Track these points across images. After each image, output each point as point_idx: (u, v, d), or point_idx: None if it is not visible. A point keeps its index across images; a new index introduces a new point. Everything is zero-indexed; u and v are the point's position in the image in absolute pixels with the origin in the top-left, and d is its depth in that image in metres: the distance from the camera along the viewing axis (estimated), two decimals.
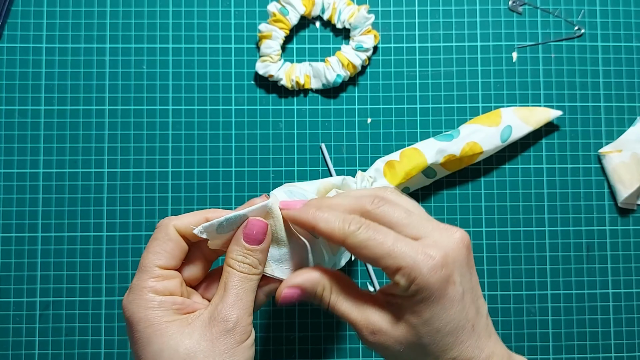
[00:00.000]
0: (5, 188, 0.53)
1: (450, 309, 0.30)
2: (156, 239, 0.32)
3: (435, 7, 0.55)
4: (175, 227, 0.32)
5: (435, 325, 0.30)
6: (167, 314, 0.30)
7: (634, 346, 0.53)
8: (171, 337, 0.29)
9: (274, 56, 0.53)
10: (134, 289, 0.30)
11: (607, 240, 0.54)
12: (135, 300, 0.30)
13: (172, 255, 0.31)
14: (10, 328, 0.52)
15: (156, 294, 0.30)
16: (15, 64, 0.54)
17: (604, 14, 0.55)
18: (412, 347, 0.31)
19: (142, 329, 0.29)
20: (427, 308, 0.30)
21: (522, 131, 0.52)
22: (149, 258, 0.31)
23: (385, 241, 0.30)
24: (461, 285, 0.30)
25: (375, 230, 0.30)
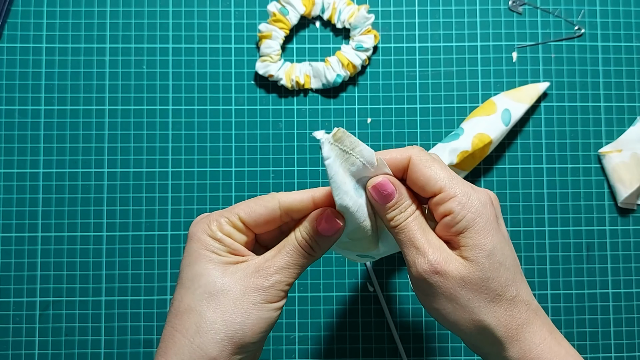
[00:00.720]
0: (5, 188, 0.53)
1: (506, 245, 0.31)
2: (258, 197, 0.33)
3: (435, 7, 0.55)
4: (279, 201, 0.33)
5: (498, 258, 0.30)
6: (221, 249, 0.32)
7: (634, 346, 0.53)
8: (215, 267, 0.31)
9: (274, 56, 0.53)
10: (210, 216, 0.32)
11: (607, 240, 0.54)
12: (202, 224, 0.32)
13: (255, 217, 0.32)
14: (10, 328, 0.52)
15: (220, 230, 0.32)
16: (15, 64, 0.54)
17: (604, 14, 0.55)
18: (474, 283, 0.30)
19: (195, 248, 0.31)
20: (487, 239, 0.30)
21: (521, 110, 0.52)
22: (239, 205, 0.33)
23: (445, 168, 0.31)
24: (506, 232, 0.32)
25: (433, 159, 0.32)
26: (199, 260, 0.31)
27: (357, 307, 0.53)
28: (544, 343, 0.31)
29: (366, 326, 0.53)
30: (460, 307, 0.31)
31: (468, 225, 0.30)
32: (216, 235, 0.32)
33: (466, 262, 0.30)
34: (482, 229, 0.30)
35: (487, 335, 0.31)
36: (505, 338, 0.31)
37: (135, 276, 0.53)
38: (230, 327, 0.30)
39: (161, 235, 0.53)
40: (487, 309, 0.30)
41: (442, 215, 0.31)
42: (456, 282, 0.30)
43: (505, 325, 0.31)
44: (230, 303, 0.30)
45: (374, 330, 0.53)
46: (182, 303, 0.31)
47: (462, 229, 0.30)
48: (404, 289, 0.53)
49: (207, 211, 0.53)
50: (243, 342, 0.30)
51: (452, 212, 0.30)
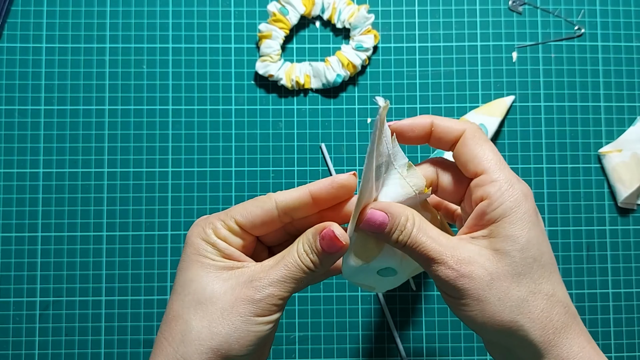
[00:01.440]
0: (5, 188, 0.53)
1: (543, 241, 0.29)
2: (255, 199, 0.32)
3: (435, 7, 0.55)
4: (276, 201, 0.31)
5: (532, 253, 0.28)
6: (216, 254, 0.30)
7: (634, 346, 0.53)
8: (207, 274, 0.30)
9: (274, 56, 0.53)
10: (205, 220, 0.31)
11: (607, 240, 0.54)
12: (199, 228, 0.31)
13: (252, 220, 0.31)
14: (10, 328, 0.52)
15: (216, 235, 0.30)
16: (15, 64, 0.54)
17: (604, 14, 0.55)
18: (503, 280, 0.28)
19: (189, 253, 0.30)
20: (523, 231, 0.28)
21: (494, 124, 0.53)
22: (236, 207, 0.31)
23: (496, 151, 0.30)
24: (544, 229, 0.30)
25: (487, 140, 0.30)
26: (191, 266, 0.30)
27: (357, 307, 0.53)
28: (583, 352, 0.28)
29: (366, 326, 0.53)
30: (491, 307, 0.28)
31: (504, 214, 0.28)
32: (210, 239, 0.30)
33: (495, 254, 0.28)
34: (518, 220, 0.28)
35: (520, 338, 0.28)
36: (541, 343, 0.28)
37: (135, 276, 0.53)
38: (215, 339, 0.28)
39: (161, 235, 0.53)
40: (520, 308, 0.28)
41: (479, 200, 0.29)
42: (484, 282, 0.28)
43: (542, 327, 0.28)
44: (218, 313, 0.29)
45: (374, 330, 0.53)
46: (172, 309, 0.30)
47: (497, 218, 0.28)
48: (404, 289, 0.53)
49: (207, 212, 0.53)
50: (229, 355, 0.29)
51: (490, 197, 0.28)
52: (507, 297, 0.28)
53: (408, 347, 0.53)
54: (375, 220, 0.30)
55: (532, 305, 0.28)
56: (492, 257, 0.28)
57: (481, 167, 0.29)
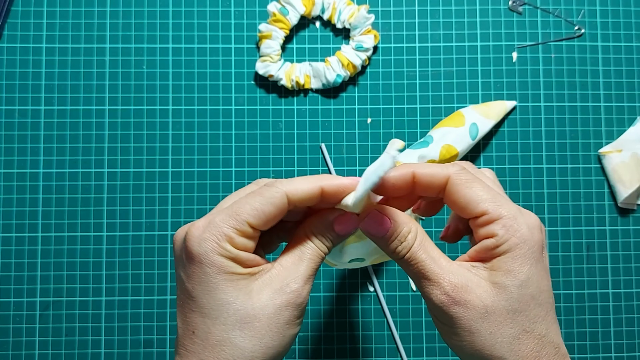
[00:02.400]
0: (5, 188, 0.53)
1: (544, 279, 0.28)
2: (260, 194, 0.29)
3: (435, 7, 0.55)
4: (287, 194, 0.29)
5: (531, 291, 0.27)
6: (238, 267, 0.28)
7: (634, 346, 0.53)
8: (239, 292, 0.28)
9: (274, 56, 0.53)
10: (213, 228, 0.28)
11: (607, 240, 0.54)
12: (210, 241, 0.28)
13: (266, 219, 0.29)
14: (11, 328, 0.52)
15: (234, 246, 0.28)
16: (15, 64, 0.54)
17: (604, 14, 0.55)
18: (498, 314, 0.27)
19: (211, 272, 0.28)
20: (524, 267, 0.27)
21: (487, 126, 0.52)
22: (244, 208, 0.28)
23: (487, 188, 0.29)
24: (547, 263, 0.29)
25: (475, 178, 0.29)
26: (220, 287, 0.28)
27: (357, 307, 0.53)
28: None
29: (366, 326, 0.53)
30: (481, 340, 0.27)
31: (509, 250, 0.27)
32: (231, 254, 0.28)
33: (493, 288, 0.27)
34: (522, 255, 0.27)
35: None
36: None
37: (135, 276, 0.53)
38: (268, 353, 0.28)
39: (161, 235, 0.53)
40: (510, 345, 0.27)
41: (483, 237, 0.28)
42: (478, 313, 0.27)
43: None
44: (265, 327, 0.28)
45: (374, 330, 0.53)
46: (212, 335, 0.28)
47: (502, 253, 0.28)
48: (404, 289, 0.53)
49: (206, 211, 0.53)
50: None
51: (496, 235, 0.28)
52: (499, 333, 0.27)
53: (408, 347, 0.53)
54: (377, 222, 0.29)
55: (522, 344, 0.27)
56: (490, 289, 0.28)
57: (480, 209, 0.28)
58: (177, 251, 0.30)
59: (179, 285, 0.30)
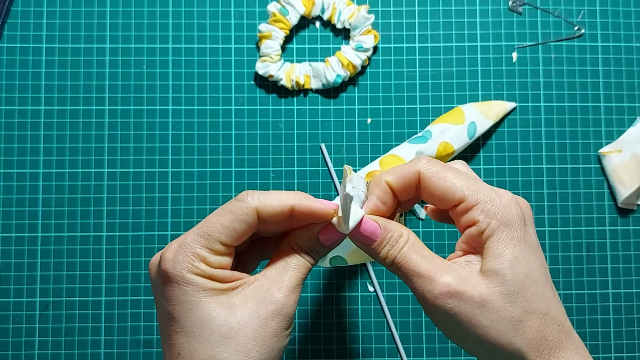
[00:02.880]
0: (5, 188, 0.53)
1: (532, 255, 0.28)
2: (232, 212, 0.29)
3: (435, 7, 0.55)
4: (258, 210, 0.29)
5: (522, 269, 0.27)
6: (215, 285, 0.28)
7: (634, 346, 0.53)
8: (221, 306, 0.28)
9: (274, 56, 0.53)
10: (185, 249, 0.28)
11: (607, 240, 0.54)
12: (185, 262, 0.28)
13: (238, 237, 0.29)
14: (10, 328, 0.52)
15: (208, 265, 0.28)
16: (15, 64, 0.54)
17: (604, 14, 0.55)
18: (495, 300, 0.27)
19: (189, 291, 0.28)
20: (510, 248, 0.27)
21: (485, 126, 0.52)
22: (215, 226, 0.28)
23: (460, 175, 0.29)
24: (535, 238, 0.29)
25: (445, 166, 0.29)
26: (200, 304, 0.27)
27: (357, 307, 0.53)
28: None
29: (366, 326, 0.53)
30: (485, 331, 0.27)
31: (492, 234, 0.27)
32: (207, 273, 0.28)
33: (487, 276, 0.27)
34: (505, 237, 0.27)
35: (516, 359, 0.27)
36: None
37: (135, 276, 0.53)
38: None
39: (161, 236, 0.53)
40: (515, 329, 0.27)
41: (466, 226, 0.29)
42: (475, 303, 0.27)
43: (537, 348, 0.27)
44: (252, 340, 0.27)
45: (374, 331, 0.53)
46: (197, 353, 0.27)
47: (486, 239, 0.28)
48: (404, 289, 0.53)
49: (207, 212, 0.53)
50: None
51: (477, 221, 0.28)
52: (500, 319, 0.27)
53: (408, 347, 0.53)
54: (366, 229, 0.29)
55: (527, 325, 0.27)
56: (483, 278, 0.27)
57: (457, 197, 0.28)
58: (153, 277, 0.30)
59: (159, 311, 0.29)
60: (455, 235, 0.54)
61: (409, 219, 0.54)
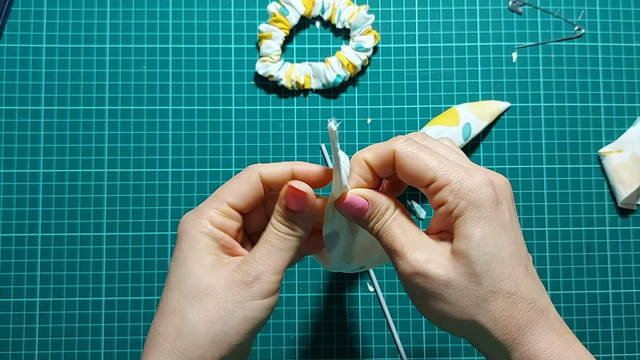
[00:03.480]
0: (5, 188, 0.53)
1: (503, 234, 0.28)
2: (237, 177, 0.32)
3: (435, 7, 0.55)
4: (260, 174, 0.32)
5: (489, 249, 0.27)
6: (211, 246, 0.30)
7: (634, 346, 0.53)
8: (201, 267, 0.30)
9: (274, 56, 0.53)
10: (197, 211, 0.31)
11: (607, 240, 0.54)
12: (192, 220, 0.31)
13: (244, 198, 0.31)
14: (10, 328, 0.52)
15: (211, 224, 0.30)
16: (15, 64, 0.54)
17: (604, 14, 0.56)
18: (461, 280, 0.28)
19: (184, 247, 0.30)
20: (478, 227, 0.27)
21: (480, 127, 0.53)
22: (223, 191, 0.32)
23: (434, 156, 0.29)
24: (510, 217, 0.29)
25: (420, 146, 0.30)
26: (187, 261, 0.30)
27: (357, 307, 0.53)
28: (551, 348, 0.28)
29: (366, 326, 0.53)
30: (450, 307, 0.28)
31: (460, 214, 0.28)
32: (206, 229, 0.30)
33: (454, 255, 0.28)
34: (472, 217, 0.28)
35: (485, 336, 0.28)
36: (505, 341, 0.28)
37: (135, 276, 0.53)
38: (212, 329, 0.28)
39: (161, 236, 0.53)
40: (479, 308, 0.28)
41: (437, 205, 0.29)
42: (441, 281, 0.28)
43: (504, 327, 0.28)
44: (214, 303, 0.29)
45: (374, 331, 0.53)
46: (168, 305, 0.29)
47: (455, 219, 0.28)
48: (403, 289, 0.53)
49: None
50: (226, 344, 0.29)
51: (446, 201, 0.28)
52: (465, 297, 0.28)
53: (408, 347, 0.53)
54: (355, 204, 0.30)
55: (491, 304, 0.28)
56: (451, 257, 0.28)
57: (428, 176, 0.29)
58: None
59: None
60: None
61: None
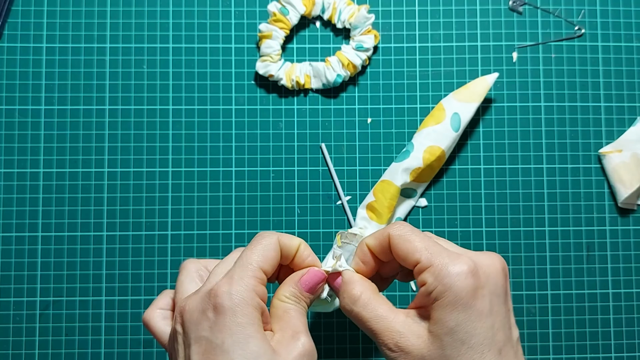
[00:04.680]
0: (6, 187, 0.53)
1: (477, 321, 0.29)
2: (261, 244, 0.32)
3: (435, 7, 0.55)
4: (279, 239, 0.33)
5: (460, 336, 0.29)
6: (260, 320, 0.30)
7: (634, 346, 0.53)
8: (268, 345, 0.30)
9: (274, 56, 0.53)
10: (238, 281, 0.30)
11: (607, 240, 0.54)
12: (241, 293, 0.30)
13: (271, 265, 0.32)
14: (11, 327, 0.52)
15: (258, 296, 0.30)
16: (16, 64, 0.54)
17: (604, 14, 0.55)
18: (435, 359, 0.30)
19: (245, 323, 0.29)
20: (451, 315, 0.29)
21: (470, 110, 0.52)
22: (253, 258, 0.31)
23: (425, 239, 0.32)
24: (490, 303, 0.30)
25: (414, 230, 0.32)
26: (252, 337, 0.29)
27: None
28: None
29: None
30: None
31: (437, 298, 0.30)
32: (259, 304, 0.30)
33: (429, 337, 0.30)
34: (448, 303, 0.29)
35: None
36: None
37: (136, 276, 0.53)
38: None
39: (161, 235, 0.53)
40: None
41: (420, 285, 0.31)
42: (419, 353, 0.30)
43: None
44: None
45: None
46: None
47: (433, 301, 0.30)
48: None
49: (207, 212, 0.53)
50: None
51: (426, 282, 0.30)
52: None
53: None
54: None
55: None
56: (427, 338, 0.30)
57: (414, 258, 0.31)
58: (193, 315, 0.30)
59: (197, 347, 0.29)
60: (454, 235, 0.54)
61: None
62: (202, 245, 0.53)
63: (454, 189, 0.54)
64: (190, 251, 0.53)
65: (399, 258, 0.32)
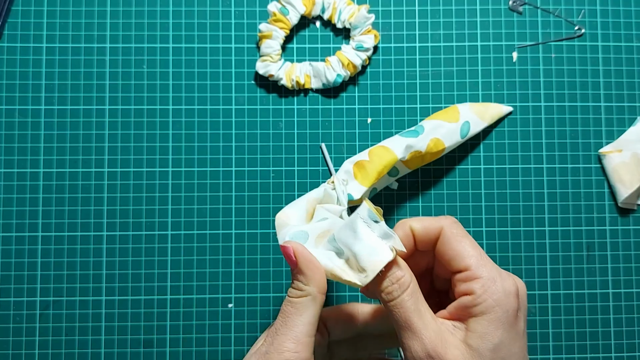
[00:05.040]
0: (6, 187, 0.53)
1: (517, 342, 0.29)
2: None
3: (435, 7, 0.55)
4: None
5: (502, 354, 0.29)
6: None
7: (634, 346, 0.53)
8: None
9: (274, 56, 0.53)
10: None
11: (607, 240, 0.54)
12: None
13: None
14: (11, 327, 0.52)
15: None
16: (16, 64, 0.54)
17: (604, 14, 0.55)
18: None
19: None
20: (497, 331, 0.29)
21: (479, 127, 0.52)
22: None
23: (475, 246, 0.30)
24: (524, 326, 0.30)
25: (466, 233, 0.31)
26: None
27: None
28: None
29: None
30: None
31: (485, 312, 0.29)
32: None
33: (468, 350, 0.29)
34: (496, 319, 0.29)
35: None
36: None
37: (136, 276, 0.53)
38: None
39: (161, 235, 0.53)
40: None
41: (462, 294, 0.30)
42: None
43: None
44: None
45: None
46: None
47: (478, 314, 0.29)
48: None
49: (207, 212, 0.53)
50: None
51: (474, 293, 0.29)
52: None
53: None
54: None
55: None
56: (465, 351, 0.29)
57: (464, 263, 0.30)
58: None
59: None
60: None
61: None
62: (202, 245, 0.53)
63: (454, 189, 0.54)
64: (191, 251, 0.53)
65: (444, 257, 0.31)
